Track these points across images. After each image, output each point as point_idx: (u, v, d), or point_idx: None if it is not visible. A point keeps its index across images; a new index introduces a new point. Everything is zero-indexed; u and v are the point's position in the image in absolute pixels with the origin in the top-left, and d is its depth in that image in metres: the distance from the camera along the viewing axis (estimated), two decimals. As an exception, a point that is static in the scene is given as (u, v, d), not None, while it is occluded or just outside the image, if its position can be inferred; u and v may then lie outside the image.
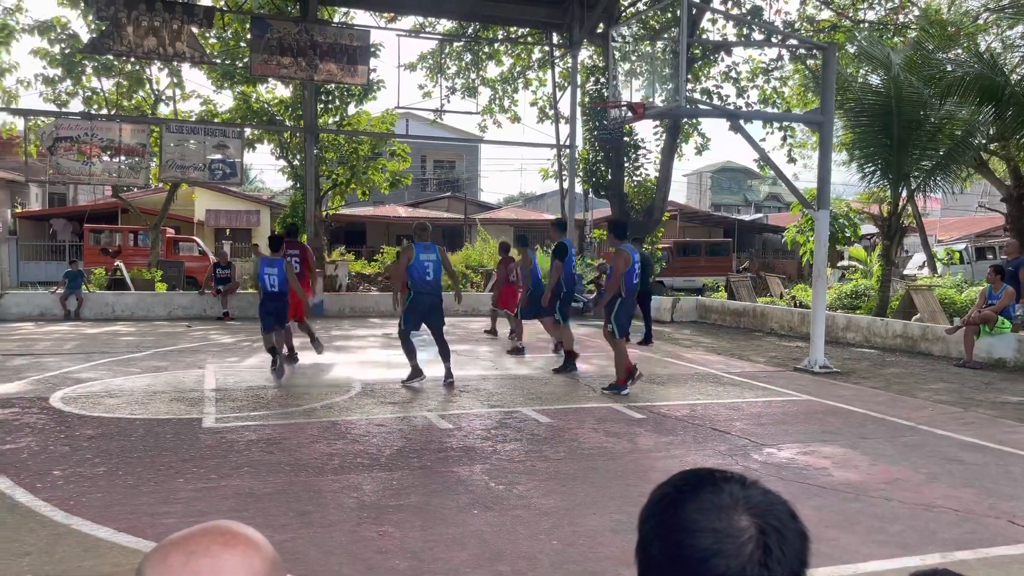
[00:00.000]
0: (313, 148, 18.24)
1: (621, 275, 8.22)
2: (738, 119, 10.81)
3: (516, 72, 21.67)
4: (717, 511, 0.92)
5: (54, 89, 18.95)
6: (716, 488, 0.95)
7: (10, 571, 3.66)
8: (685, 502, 0.94)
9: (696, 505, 0.93)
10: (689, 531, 0.91)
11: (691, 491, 0.95)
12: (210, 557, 0.85)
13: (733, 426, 6.97)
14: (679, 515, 0.93)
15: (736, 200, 57.05)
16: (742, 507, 0.92)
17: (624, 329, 8.41)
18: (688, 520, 0.92)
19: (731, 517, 0.91)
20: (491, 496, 4.89)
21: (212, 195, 31.00)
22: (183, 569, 0.84)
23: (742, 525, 0.90)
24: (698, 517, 0.91)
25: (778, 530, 0.91)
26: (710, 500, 0.93)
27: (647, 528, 0.97)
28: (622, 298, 8.29)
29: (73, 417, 6.85)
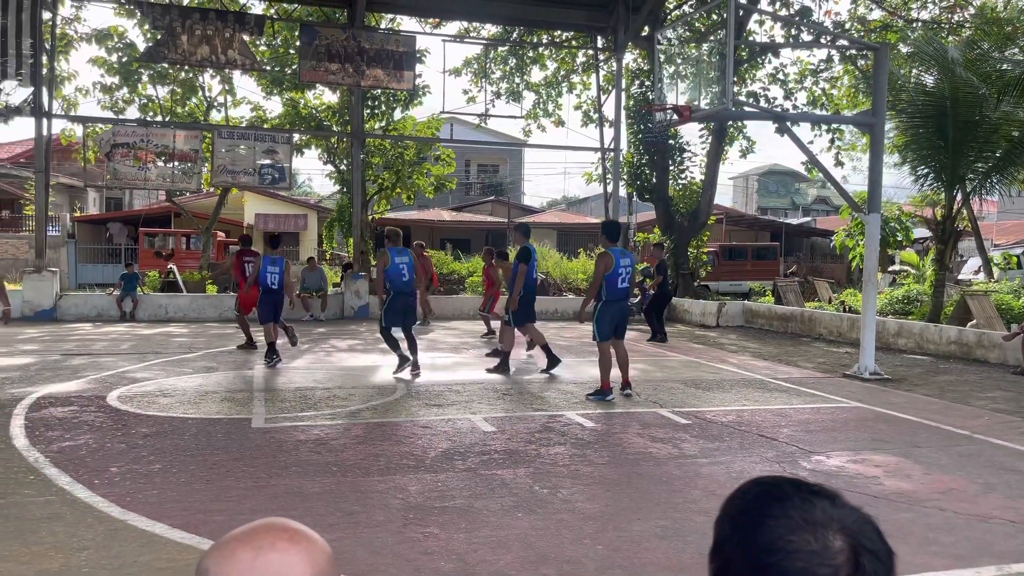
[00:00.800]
0: (360, 153, 18.48)
1: (602, 278, 8.15)
2: (786, 121, 10.67)
3: (560, 76, 21.68)
4: (811, 529, 0.85)
5: (111, 97, 19.52)
6: (806, 504, 0.88)
7: (69, 565, 3.78)
8: (772, 519, 0.87)
9: (786, 523, 0.86)
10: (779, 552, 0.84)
11: (777, 506, 0.89)
12: (278, 552, 0.86)
13: (780, 432, 6.87)
14: (767, 534, 0.86)
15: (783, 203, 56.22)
16: (836, 526, 0.86)
17: (605, 333, 8.26)
18: (778, 540, 0.85)
19: (825, 537, 0.84)
20: (535, 499, 4.90)
21: (261, 199, 31.62)
22: (252, 565, 0.85)
23: (837, 546, 0.84)
24: (791, 537, 0.85)
25: (871, 551, 0.86)
26: (801, 517, 0.86)
27: (729, 547, 0.90)
28: (604, 301, 8.20)
29: (129, 416, 7.05)
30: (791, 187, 56.95)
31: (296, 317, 16.70)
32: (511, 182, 46.62)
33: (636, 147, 19.60)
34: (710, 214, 19.98)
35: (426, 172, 22.53)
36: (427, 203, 35.54)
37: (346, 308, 17.40)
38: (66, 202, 31.85)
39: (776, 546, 0.85)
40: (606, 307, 8.22)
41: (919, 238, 26.79)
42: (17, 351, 11.15)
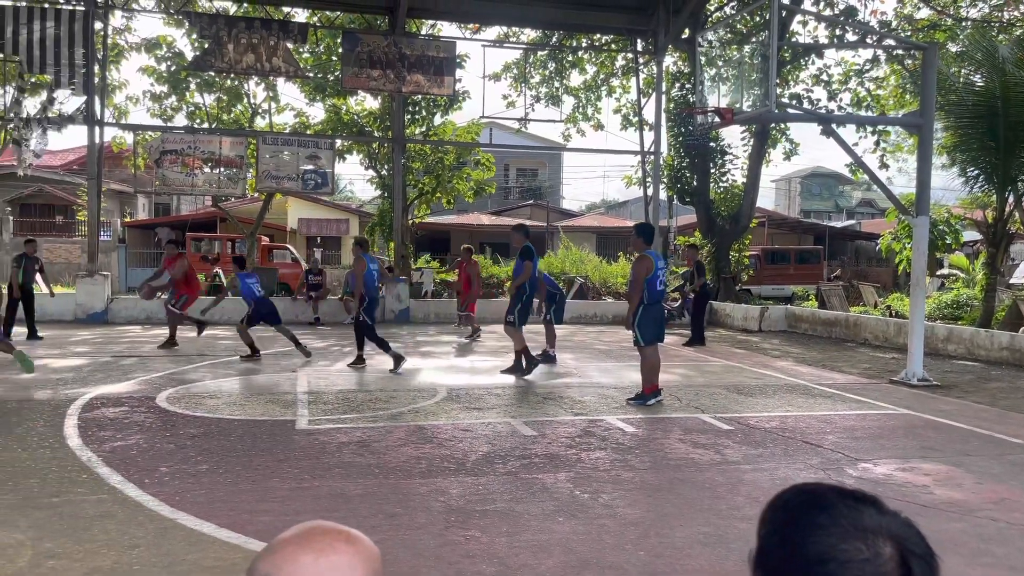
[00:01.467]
0: (400, 158, 18.66)
1: (643, 281, 8.05)
2: (830, 123, 10.50)
3: (599, 80, 21.63)
4: (861, 537, 0.84)
5: (160, 105, 19.99)
6: (853, 511, 0.87)
7: (121, 562, 3.88)
8: (820, 528, 0.86)
9: (836, 532, 0.85)
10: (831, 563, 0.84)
11: (825, 514, 0.87)
12: (337, 554, 0.88)
13: (825, 439, 6.76)
14: (817, 545, 0.85)
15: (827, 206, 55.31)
16: (884, 533, 0.85)
17: (649, 337, 8.17)
18: (829, 550, 0.84)
19: (876, 544, 0.84)
20: (576, 504, 4.89)
21: (304, 204, 32.06)
22: (314, 567, 0.86)
23: (887, 553, 0.84)
24: (843, 547, 0.84)
25: (919, 555, 0.85)
26: (851, 525, 0.86)
27: (775, 558, 0.89)
28: (645, 305, 8.10)
29: (177, 416, 7.20)
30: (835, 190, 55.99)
31: (339, 320, 16.91)
32: (550, 186, 46.60)
33: (676, 150, 19.47)
34: (752, 217, 19.74)
35: (466, 176, 22.64)
36: (466, 207, 35.71)
37: (387, 311, 17.55)
38: (117, 208, 32.69)
39: (828, 556, 0.84)
40: (647, 310, 8.14)
41: (968, 241, 26.13)
42: (70, 353, 11.46)
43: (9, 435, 6.36)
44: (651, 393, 8.15)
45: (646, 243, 8.35)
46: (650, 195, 19.73)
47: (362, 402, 8.12)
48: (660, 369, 8.37)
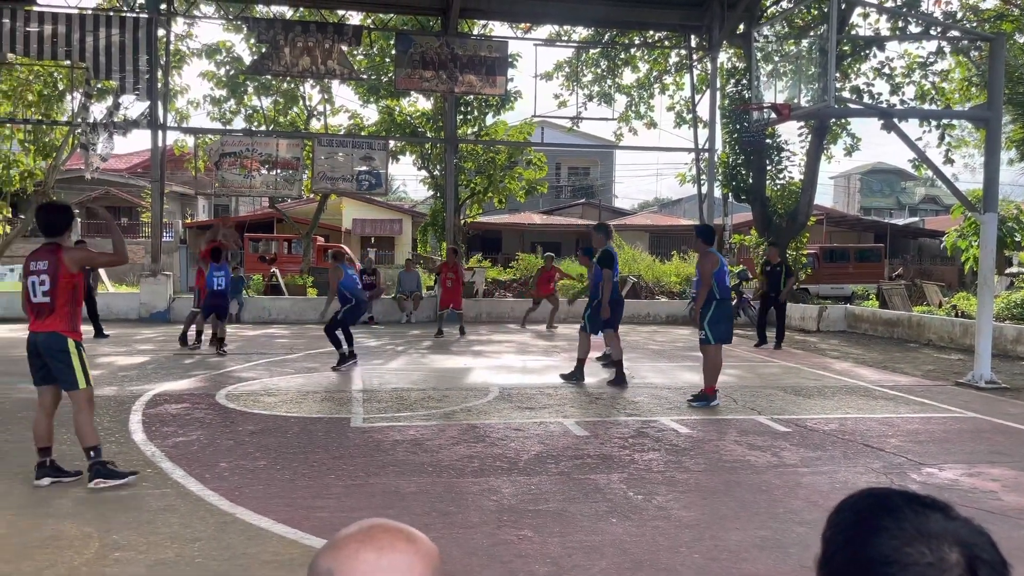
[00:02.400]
0: (453, 158, 18.77)
1: (712, 276, 7.91)
2: (892, 117, 10.21)
3: (652, 77, 21.42)
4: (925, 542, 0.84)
5: (219, 108, 20.51)
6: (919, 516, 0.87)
7: (183, 555, 3.98)
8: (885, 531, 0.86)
9: (900, 535, 0.85)
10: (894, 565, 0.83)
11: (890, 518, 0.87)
12: (399, 552, 0.88)
13: (887, 442, 6.57)
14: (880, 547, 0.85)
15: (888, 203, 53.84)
16: (951, 539, 0.84)
17: (717, 335, 8.02)
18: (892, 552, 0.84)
19: (941, 550, 0.83)
20: (630, 505, 4.85)
21: (358, 205, 32.51)
22: (376, 564, 0.87)
23: (953, 559, 0.83)
24: (907, 550, 0.84)
25: (988, 562, 0.84)
26: (915, 529, 0.85)
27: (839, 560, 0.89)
28: (717, 300, 7.96)
29: (236, 413, 7.37)
30: (897, 186, 54.46)
31: (393, 319, 17.10)
32: (602, 184, 46.37)
33: (731, 147, 19.15)
34: (810, 215, 19.31)
35: (517, 176, 22.67)
36: (518, 206, 35.75)
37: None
38: (178, 209, 33.63)
39: (891, 559, 0.84)
40: (720, 306, 7.99)
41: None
42: (135, 351, 11.83)
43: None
44: (713, 394, 8.01)
45: (707, 243, 8.25)
46: (704, 193, 19.46)
47: (415, 401, 8.19)
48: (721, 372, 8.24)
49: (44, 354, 5.06)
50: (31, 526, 4.33)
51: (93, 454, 5.04)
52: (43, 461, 5.11)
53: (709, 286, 7.97)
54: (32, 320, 5.09)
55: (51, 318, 5.01)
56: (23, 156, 21.98)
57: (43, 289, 5.01)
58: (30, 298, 5.06)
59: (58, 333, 5.02)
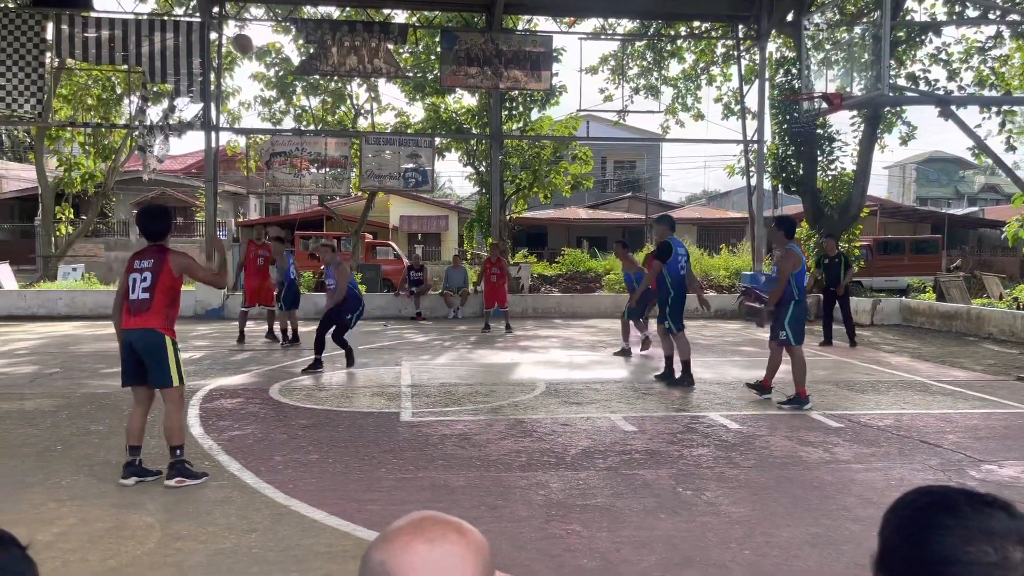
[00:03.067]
0: (498, 154, 18.81)
1: (790, 276, 7.59)
2: (949, 105, 9.93)
3: (699, 68, 21.16)
4: (988, 540, 0.82)
5: (270, 109, 20.89)
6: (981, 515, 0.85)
7: (240, 545, 4.09)
8: (945, 529, 0.85)
9: (961, 534, 0.83)
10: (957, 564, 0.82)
11: (950, 516, 0.86)
12: (450, 544, 0.91)
13: (945, 439, 6.42)
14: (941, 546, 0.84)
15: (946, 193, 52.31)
16: (1015, 537, 0.83)
17: (800, 336, 7.70)
18: (954, 551, 0.83)
19: (1005, 549, 0.82)
20: (679, 501, 4.83)
21: (405, 202, 32.80)
22: (428, 556, 0.89)
23: (1018, 558, 0.81)
24: (968, 548, 0.82)
25: None
26: (977, 528, 0.84)
27: (897, 559, 0.88)
28: (795, 301, 7.62)
29: (289, 408, 7.52)
30: (955, 175, 52.86)
31: (440, 315, 17.24)
32: (648, 178, 45.98)
33: (781, 138, 18.82)
34: (863, 206, 18.87)
35: (563, 171, 22.62)
36: (563, 201, 35.67)
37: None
38: (231, 208, 34.36)
39: (953, 558, 0.83)
40: (800, 306, 7.63)
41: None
42: (191, 347, 12.14)
43: (138, 423, 6.80)
44: (807, 397, 7.58)
45: (788, 237, 7.86)
46: (754, 185, 19.18)
47: (463, 396, 8.26)
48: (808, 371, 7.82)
49: (140, 351, 5.07)
50: (96, 516, 4.49)
51: (179, 452, 5.09)
52: (132, 460, 5.14)
53: (785, 286, 7.59)
54: (127, 317, 5.10)
55: (148, 315, 5.03)
56: (84, 158, 22.74)
57: (143, 286, 5.04)
58: (128, 294, 5.08)
59: (155, 330, 5.04)
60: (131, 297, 5.08)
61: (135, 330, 5.06)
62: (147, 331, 5.03)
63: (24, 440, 6.21)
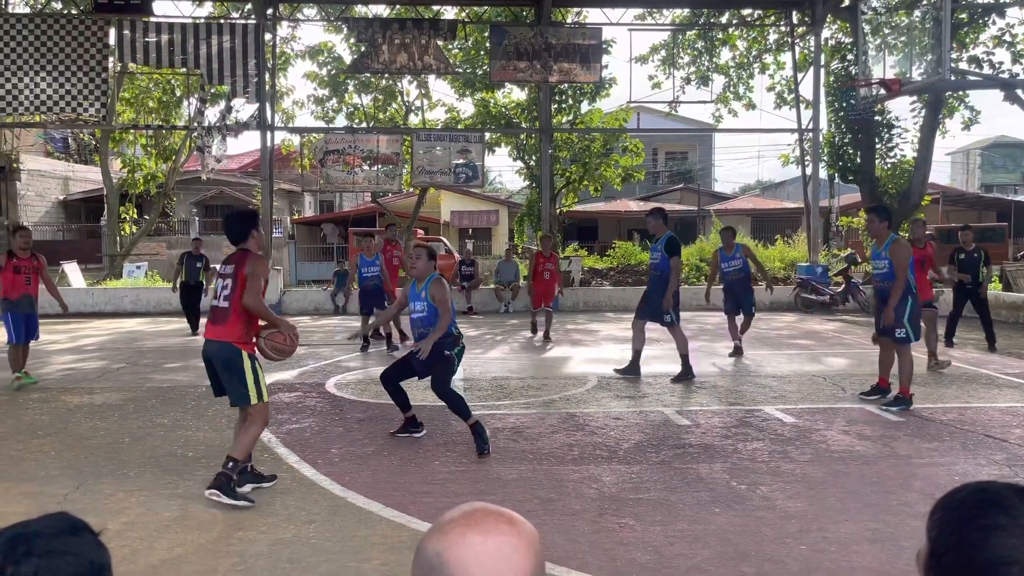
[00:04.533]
0: (548, 148, 18.80)
1: (907, 269, 7.03)
2: (1014, 88, 9.59)
3: (751, 57, 20.79)
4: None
5: (322, 107, 21.22)
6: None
7: (299, 535, 4.20)
8: (1000, 529, 0.83)
9: (1018, 532, 0.83)
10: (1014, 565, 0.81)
11: (1004, 515, 0.84)
12: (504, 535, 0.93)
13: (1011, 433, 6.22)
14: (997, 547, 0.82)
15: (1013, 179, 50.38)
16: None
17: (919, 332, 7.30)
18: (1012, 551, 0.82)
19: None
20: (733, 495, 4.79)
21: (456, 197, 32.99)
22: (483, 547, 0.92)
23: None
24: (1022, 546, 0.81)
25: None
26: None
27: (950, 559, 0.87)
28: (913, 295, 7.12)
29: (345, 401, 7.67)
30: (1021, 160, 50.88)
31: (492, 309, 17.32)
32: (701, 168, 45.36)
33: (837, 126, 18.41)
34: (924, 194, 18.36)
35: (613, 163, 22.48)
36: (614, 194, 35.43)
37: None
38: (286, 206, 35.02)
39: (1011, 558, 0.82)
40: (916, 303, 7.18)
41: None
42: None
43: (201, 417, 7.02)
44: (910, 397, 7.18)
45: (889, 226, 7.34)
46: (809, 175, 18.80)
47: (515, 389, 8.30)
48: None
49: (216, 365, 4.87)
50: (162, 506, 4.66)
51: (231, 465, 4.74)
52: (245, 467, 4.89)
53: (906, 279, 7.03)
54: (208, 326, 4.93)
55: (226, 325, 4.79)
56: (146, 160, 23.44)
57: (224, 293, 4.83)
58: (212, 302, 4.97)
59: (231, 344, 4.78)
60: (213, 303, 4.92)
61: (212, 342, 4.85)
62: (223, 345, 4.79)
63: (93, 433, 6.46)
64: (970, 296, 11.18)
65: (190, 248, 13.95)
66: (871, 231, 7.49)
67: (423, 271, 5.86)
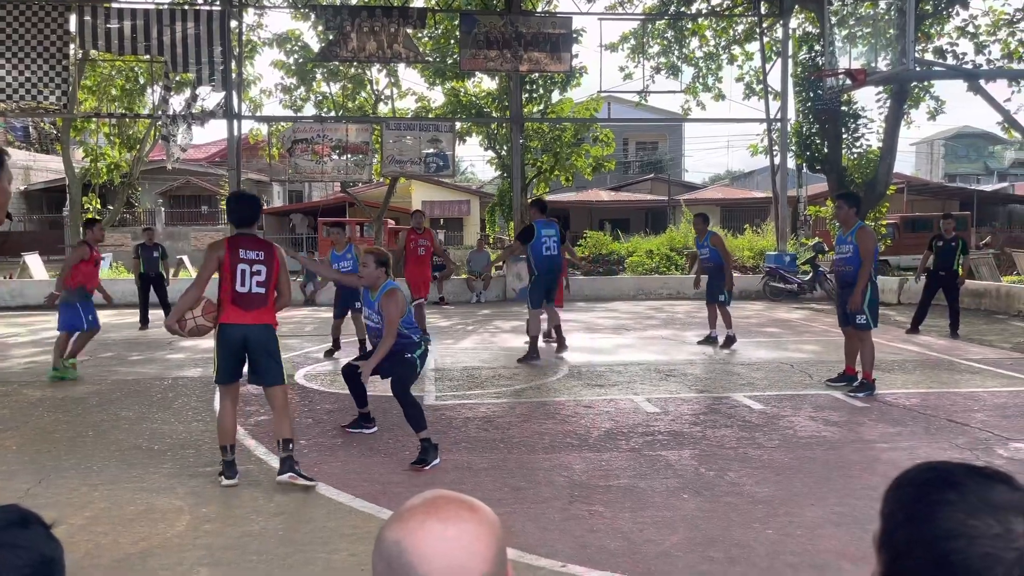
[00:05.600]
0: (519, 137, 18.75)
1: (872, 255, 7.16)
2: (977, 79, 9.74)
3: (720, 47, 20.89)
4: (991, 513, 0.83)
5: (290, 96, 20.96)
6: (983, 488, 0.85)
7: (267, 528, 4.16)
8: (948, 504, 0.85)
9: (965, 507, 0.84)
10: (960, 538, 0.82)
11: (953, 490, 0.86)
12: (464, 522, 0.93)
13: (972, 417, 6.35)
14: (945, 520, 0.84)
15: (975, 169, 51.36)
16: (1018, 509, 0.83)
17: (877, 319, 7.37)
18: (958, 525, 0.83)
19: (1008, 520, 0.82)
20: (701, 482, 4.83)
21: (427, 187, 32.84)
22: (443, 535, 0.91)
23: (1020, 530, 0.82)
24: (972, 522, 0.83)
25: None
26: (980, 501, 0.84)
27: (902, 536, 0.88)
28: (873, 282, 7.25)
29: (314, 393, 7.61)
30: (984, 150, 51.87)
31: (463, 299, 17.28)
32: (671, 158, 45.59)
33: (805, 116, 18.57)
34: (889, 184, 18.59)
35: (584, 153, 22.50)
36: (585, 184, 35.50)
37: (507, 290, 17.77)
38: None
39: (956, 532, 0.83)
40: (875, 290, 7.31)
41: None
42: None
43: (167, 409, 6.92)
44: (873, 382, 7.28)
45: (857, 213, 7.40)
46: (777, 164, 18.97)
47: (486, 379, 8.29)
48: None
49: (255, 348, 4.83)
50: (127, 500, 4.58)
51: (291, 446, 4.84)
52: (232, 460, 4.88)
53: (872, 265, 7.13)
54: (237, 311, 4.80)
55: (265, 311, 4.87)
56: (109, 149, 23.01)
57: (258, 279, 4.82)
58: (234, 286, 4.79)
59: (271, 325, 4.91)
60: (240, 290, 4.80)
61: (254, 325, 4.82)
62: (265, 327, 4.86)
63: (56, 426, 6.34)
64: (943, 284, 11.39)
65: (143, 239, 13.70)
66: (839, 217, 7.61)
67: (372, 278, 5.48)
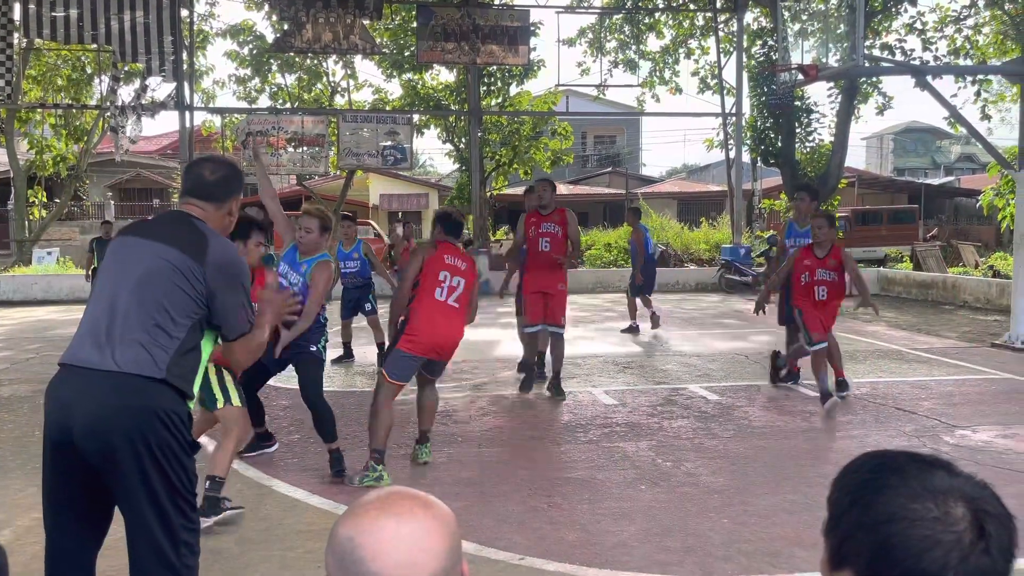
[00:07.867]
0: (477, 130, 18.69)
1: None
2: (924, 75, 9.98)
3: (677, 42, 21.07)
4: (931, 497, 0.86)
5: (244, 87, 20.60)
6: (924, 473, 0.89)
7: (224, 523, 4.09)
8: (890, 489, 0.88)
9: (906, 492, 0.87)
10: (901, 521, 0.85)
11: (895, 476, 0.89)
12: (417, 520, 0.92)
13: (920, 406, 6.52)
14: (886, 504, 0.87)
15: (922, 163, 52.67)
16: (956, 494, 0.86)
17: None
18: (899, 509, 0.86)
19: (946, 504, 0.85)
20: (658, 472, 4.88)
21: (385, 180, 32.53)
22: (396, 532, 0.91)
23: (959, 513, 0.85)
24: (913, 506, 0.86)
25: (994, 515, 0.86)
26: (920, 486, 0.87)
27: (846, 521, 0.91)
28: None
29: (269, 388, 7.46)
30: (931, 145, 53.22)
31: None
32: (629, 152, 45.91)
33: (759, 110, 18.85)
34: (841, 177, 18.97)
35: (543, 146, 22.53)
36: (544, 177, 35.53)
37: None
38: (208, 189, 33.91)
39: (897, 515, 0.86)
40: None
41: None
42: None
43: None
44: None
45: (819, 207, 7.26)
46: (732, 158, 19.23)
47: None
48: None
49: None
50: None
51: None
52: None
53: None
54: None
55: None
56: (55, 141, 22.35)
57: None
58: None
59: None
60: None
61: None
62: None
63: (1, 426, 6.15)
64: None
65: (100, 233, 13.37)
66: (801, 209, 7.70)
67: (312, 245, 4.93)
